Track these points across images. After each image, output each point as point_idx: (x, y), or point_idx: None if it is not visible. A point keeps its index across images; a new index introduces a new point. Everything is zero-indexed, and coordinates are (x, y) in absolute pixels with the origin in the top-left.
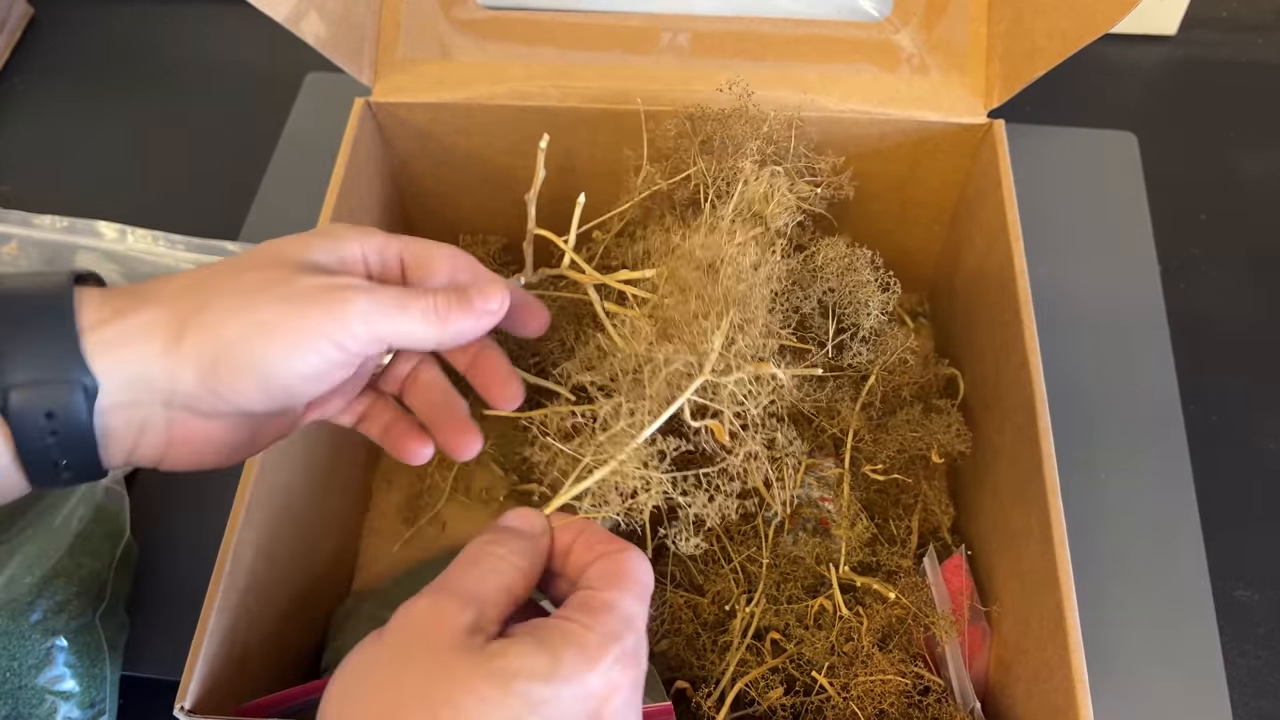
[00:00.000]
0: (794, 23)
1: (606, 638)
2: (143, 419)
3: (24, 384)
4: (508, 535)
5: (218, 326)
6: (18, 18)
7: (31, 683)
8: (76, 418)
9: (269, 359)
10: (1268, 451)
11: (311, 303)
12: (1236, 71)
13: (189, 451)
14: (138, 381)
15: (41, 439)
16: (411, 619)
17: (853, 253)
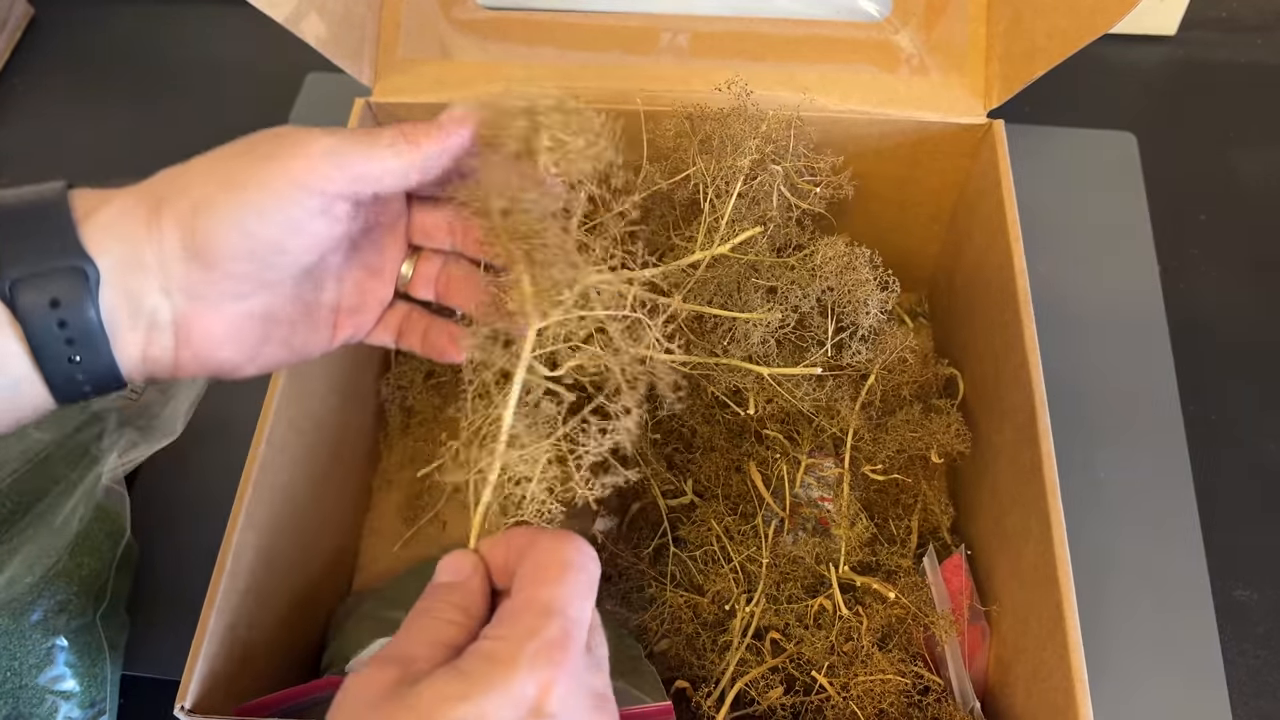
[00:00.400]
0: (793, 23)
1: (519, 638)
2: (149, 313)
3: (28, 276)
4: (436, 591)
5: (189, 191)
6: (18, 18)
7: (32, 682)
8: (82, 306)
9: (245, 214)
10: (1267, 451)
11: (278, 152)
12: (1236, 72)
13: (203, 349)
14: (130, 263)
15: (51, 332)
16: (346, 693)
17: (852, 252)
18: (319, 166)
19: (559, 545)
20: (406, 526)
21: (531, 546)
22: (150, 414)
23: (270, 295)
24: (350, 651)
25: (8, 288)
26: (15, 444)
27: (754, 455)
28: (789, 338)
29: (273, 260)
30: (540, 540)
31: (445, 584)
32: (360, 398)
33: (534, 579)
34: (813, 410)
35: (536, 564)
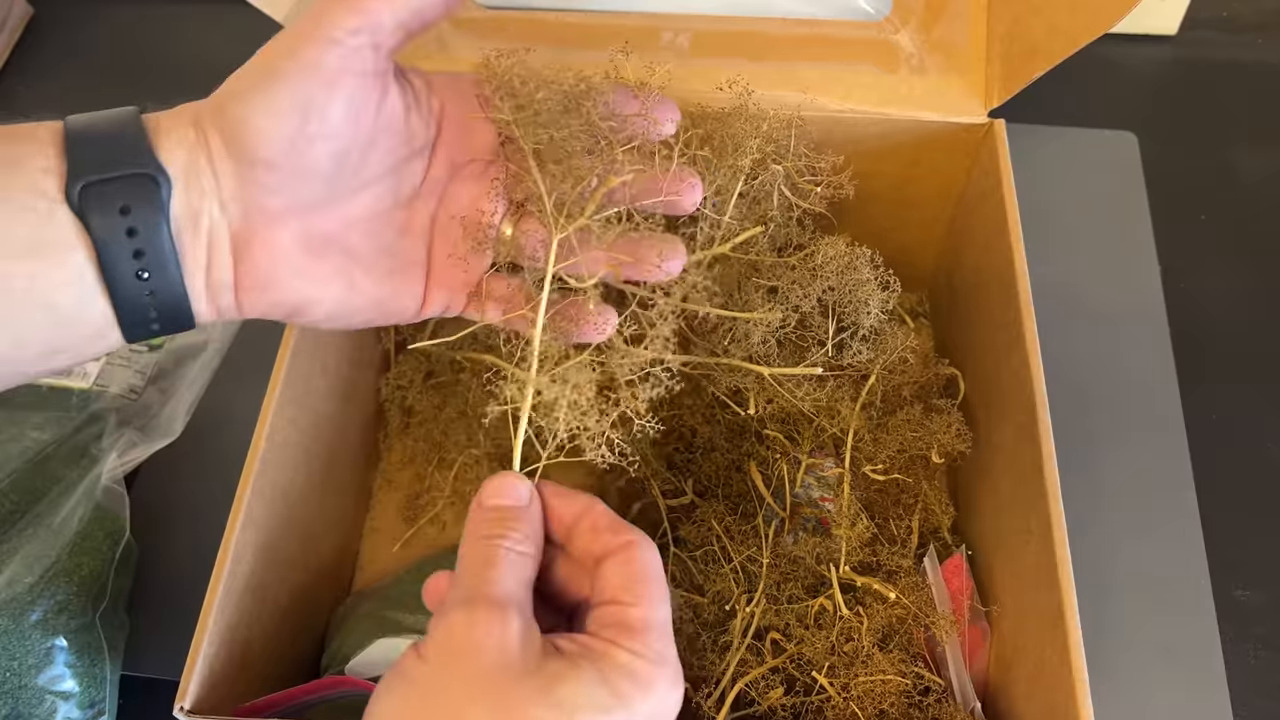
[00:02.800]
0: (794, 23)
1: (656, 662)
2: (208, 231)
3: (97, 181)
4: (500, 518)
5: (230, 86)
6: (18, 18)
7: (31, 683)
8: (153, 215)
9: (271, 90)
10: (1267, 451)
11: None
12: (1237, 71)
13: (264, 273)
14: (189, 173)
15: (119, 242)
16: (454, 637)
17: (852, 251)
18: (329, 10)
19: (655, 557)
20: (406, 526)
21: (627, 550)
22: (150, 414)
23: (331, 215)
24: (350, 651)
25: (77, 194)
26: (15, 444)
27: (754, 455)
28: (789, 338)
29: (309, 149)
30: (640, 548)
31: (506, 508)
32: (360, 398)
33: (645, 595)
34: (813, 410)
35: (641, 578)
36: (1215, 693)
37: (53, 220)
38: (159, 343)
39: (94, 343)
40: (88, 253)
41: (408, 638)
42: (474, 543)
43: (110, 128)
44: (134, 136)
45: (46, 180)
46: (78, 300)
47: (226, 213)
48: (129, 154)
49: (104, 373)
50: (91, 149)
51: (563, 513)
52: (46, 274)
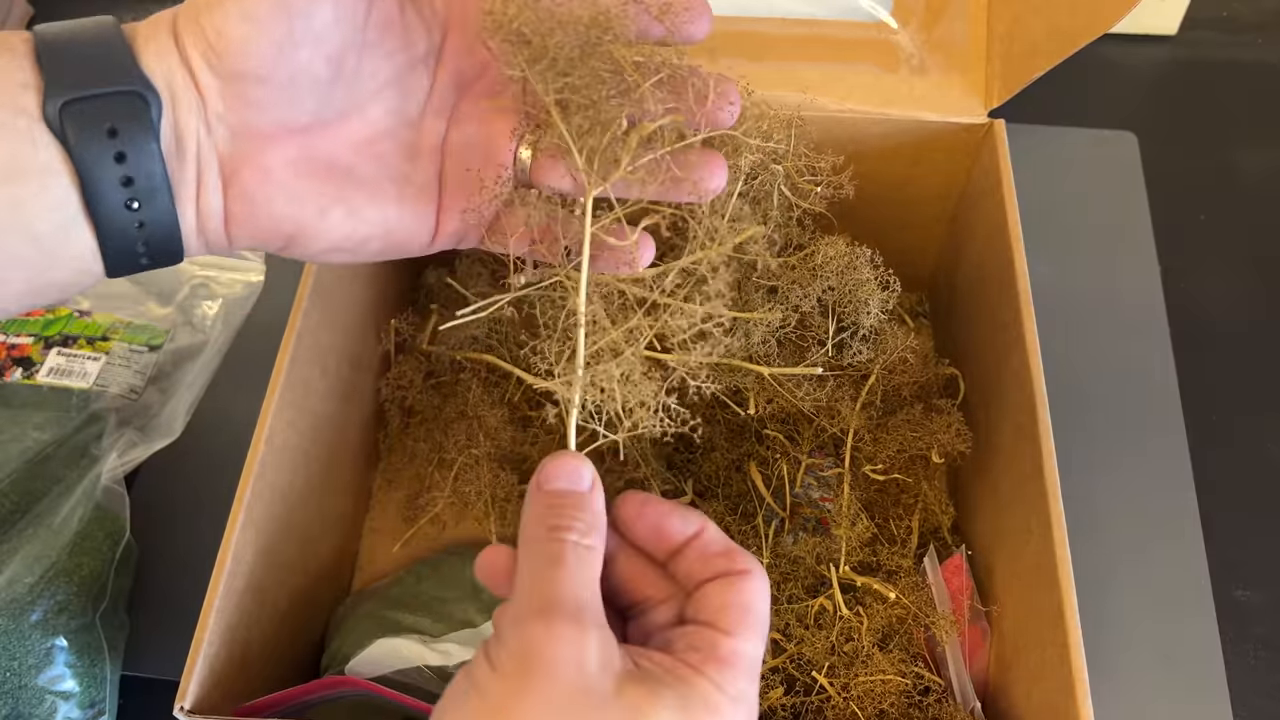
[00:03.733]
0: (794, 23)
1: (736, 699)
2: (195, 153)
3: (81, 99)
4: (568, 507)
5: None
6: (18, 17)
7: (31, 683)
8: (143, 139)
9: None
10: (1267, 451)
11: None
12: (1237, 71)
13: (256, 197)
14: (172, 89)
15: (107, 169)
16: (531, 651)
17: (853, 251)
18: None
19: (765, 590)
20: (406, 526)
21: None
22: (150, 414)
23: (328, 133)
24: (350, 651)
25: (57, 112)
26: (15, 444)
27: (754, 455)
28: (789, 337)
29: (298, 56)
30: (753, 578)
31: (568, 494)
32: (360, 398)
33: (744, 626)
34: (813, 410)
35: (744, 607)
36: (1215, 693)
37: (34, 141)
38: (159, 343)
39: (77, 278)
40: (71, 178)
41: (408, 638)
42: (537, 534)
43: (89, 39)
44: (117, 49)
45: (25, 96)
46: (61, 231)
47: (213, 134)
48: (114, 69)
49: (104, 373)
50: (70, 61)
51: (672, 532)
52: (27, 201)
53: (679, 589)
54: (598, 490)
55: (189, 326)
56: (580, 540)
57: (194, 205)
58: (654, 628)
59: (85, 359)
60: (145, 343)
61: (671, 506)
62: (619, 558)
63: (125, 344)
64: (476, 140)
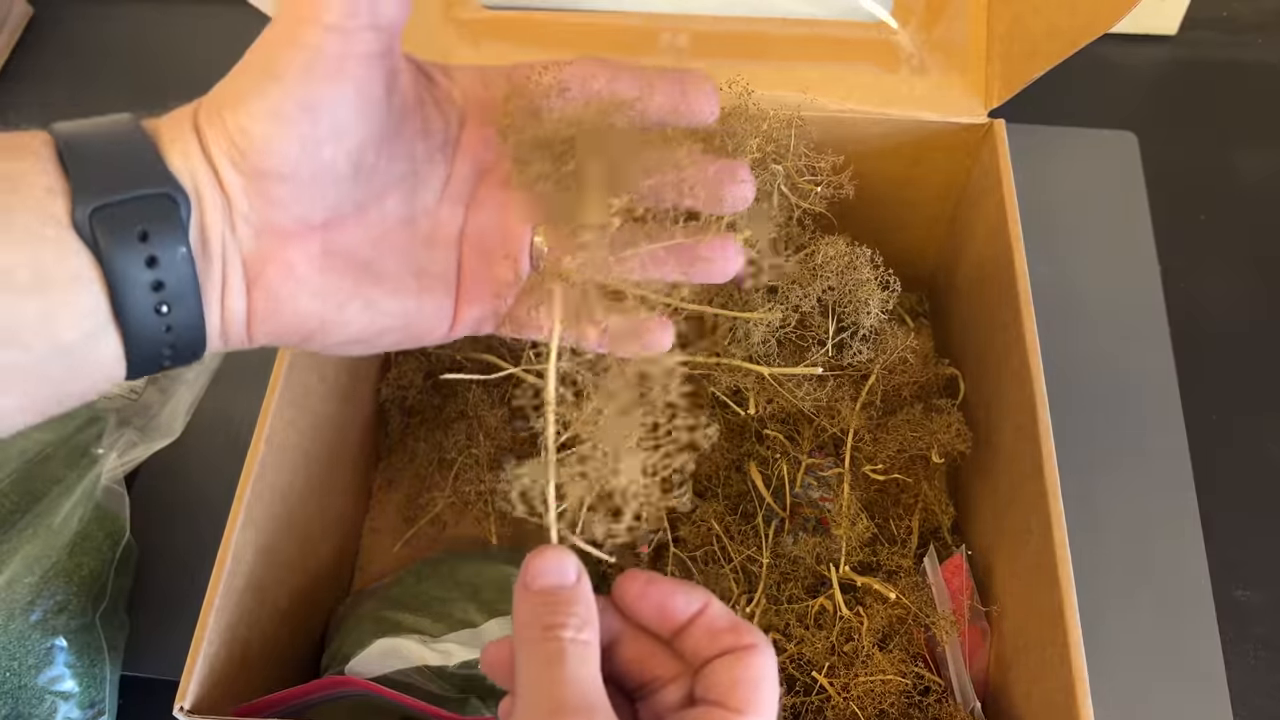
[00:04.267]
0: (794, 22)
1: None
2: (220, 253)
3: (112, 204)
4: (559, 604)
5: (225, 89)
6: (18, 18)
7: (31, 683)
8: (174, 242)
9: (269, 91)
10: (1267, 451)
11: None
12: (1237, 71)
13: (280, 294)
14: (198, 189)
15: (138, 275)
16: None
17: (853, 251)
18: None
19: (773, 665)
20: (406, 526)
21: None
22: (150, 414)
23: (350, 227)
24: (350, 651)
25: (87, 218)
26: (14, 444)
27: (754, 455)
28: (790, 337)
29: (321, 152)
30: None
31: (556, 590)
32: (360, 398)
33: (755, 705)
34: (813, 410)
35: (753, 683)
36: (1215, 693)
37: (63, 249)
38: None
39: (98, 385)
40: (101, 285)
41: (408, 638)
42: (533, 635)
43: (112, 139)
44: (143, 149)
45: (53, 202)
46: (89, 340)
47: (237, 233)
48: (142, 170)
49: None
50: (96, 164)
51: (675, 610)
52: (57, 312)
53: (687, 667)
54: (584, 581)
55: None
56: (576, 635)
57: (219, 306)
58: (664, 708)
59: None
60: None
61: (674, 585)
62: (624, 639)
63: None
64: (493, 228)
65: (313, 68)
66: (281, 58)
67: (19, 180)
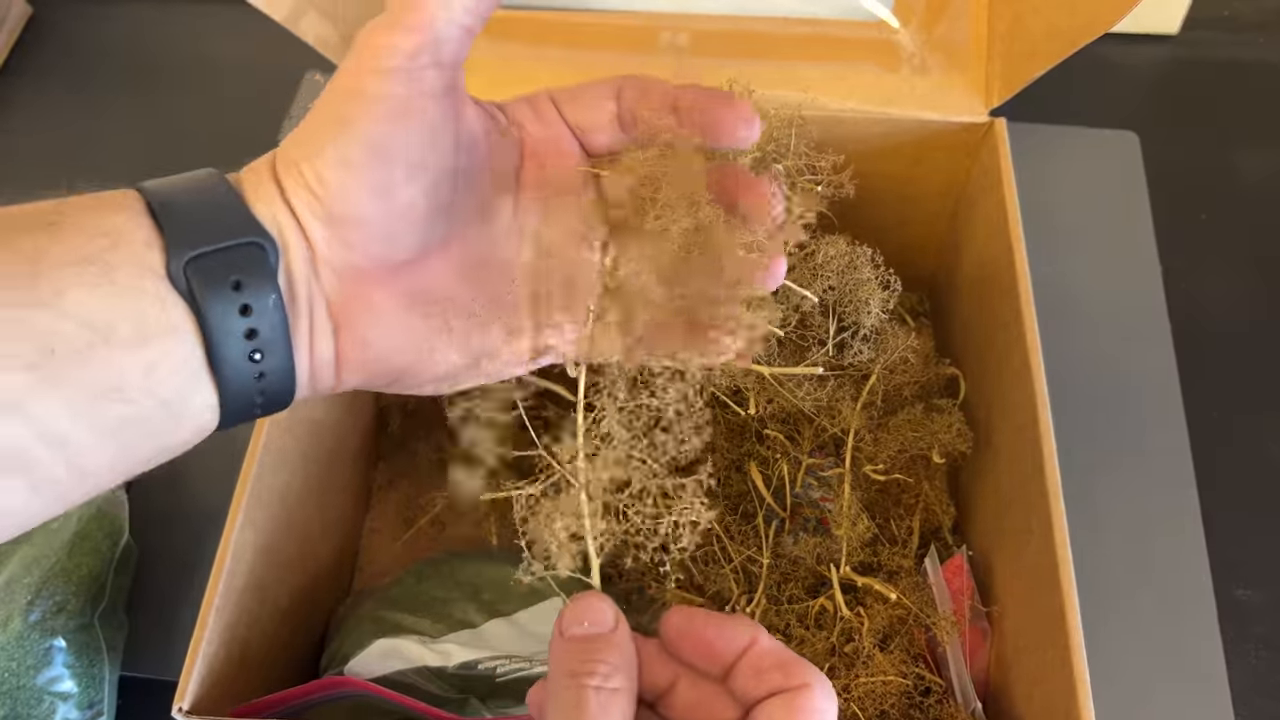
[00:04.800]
0: (794, 22)
1: None
2: (306, 300)
3: (205, 252)
4: (590, 651)
5: (298, 139)
6: (16, 17)
7: (30, 683)
8: (266, 291)
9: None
10: (1269, 451)
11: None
12: (1238, 71)
13: (367, 339)
14: (282, 238)
15: (232, 325)
16: None
17: (853, 251)
18: (381, 36)
19: (830, 705)
20: (406, 526)
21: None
22: None
23: (431, 266)
24: (350, 652)
25: (182, 269)
26: None
27: (754, 455)
28: (790, 337)
29: (398, 194)
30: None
31: (590, 638)
32: (360, 398)
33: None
34: (814, 410)
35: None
36: (1216, 693)
37: (161, 301)
38: None
39: (194, 437)
40: (196, 336)
41: (407, 638)
42: (561, 683)
43: (199, 192)
44: (230, 200)
45: (150, 254)
46: (186, 391)
47: (321, 280)
48: (231, 220)
49: None
50: (187, 216)
51: (721, 648)
52: (159, 364)
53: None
54: (622, 629)
55: None
56: (604, 684)
57: (308, 351)
58: None
59: None
60: None
61: (718, 620)
62: (682, 682)
63: None
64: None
65: (381, 112)
66: (350, 106)
67: (118, 236)
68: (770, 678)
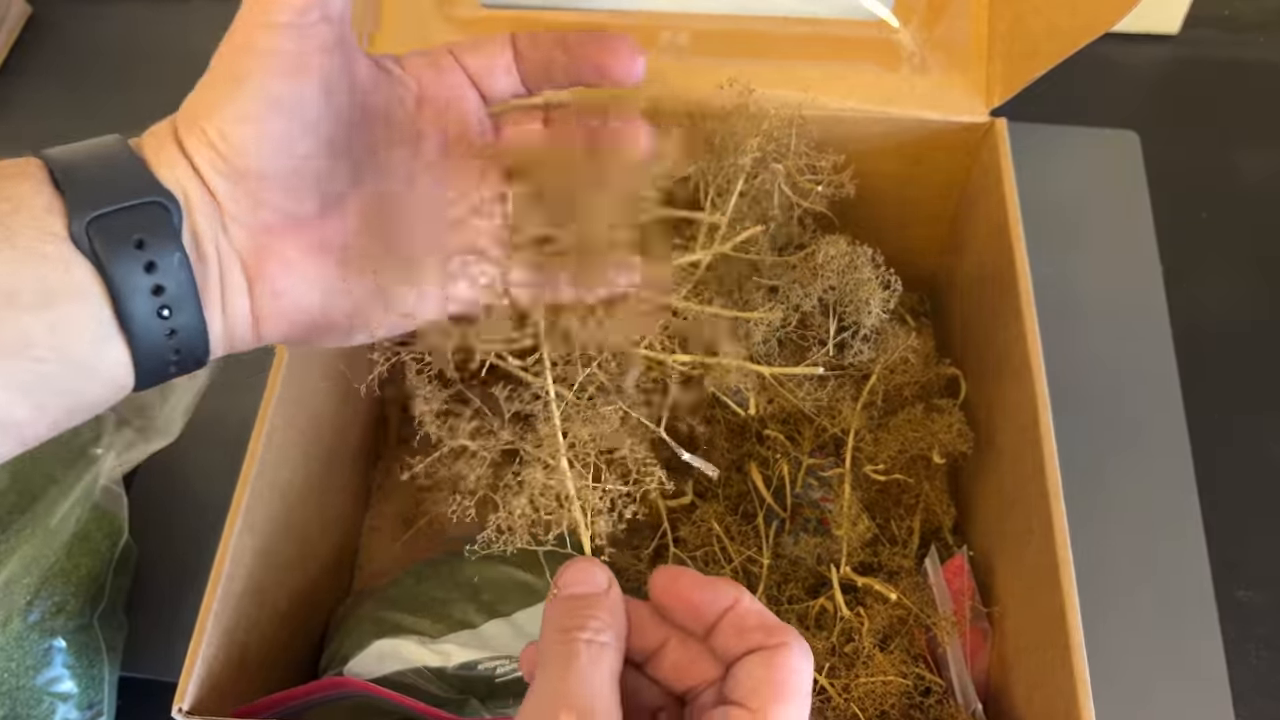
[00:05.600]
0: (795, 21)
1: None
2: (217, 257)
3: (108, 214)
4: (581, 608)
5: (198, 99)
6: (16, 17)
7: (29, 684)
8: (170, 248)
9: (238, 95)
10: (1270, 451)
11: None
12: (1239, 71)
13: (282, 291)
14: (187, 196)
15: (138, 281)
16: None
17: (854, 251)
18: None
19: (805, 666)
20: (406, 526)
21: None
22: (148, 414)
23: (336, 217)
24: (350, 652)
25: (84, 230)
26: None
27: (755, 455)
28: (790, 337)
29: (297, 146)
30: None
31: (582, 596)
32: (360, 397)
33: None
34: (814, 410)
35: (778, 683)
36: (1217, 693)
37: (64, 263)
38: None
39: (110, 395)
40: (103, 295)
41: (407, 638)
42: (552, 638)
43: (101, 157)
44: (131, 162)
45: (51, 219)
46: (96, 350)
47: (230, 236)
48: (132, 181)
49: None
50: (87, 179)
51: (704, 607)
52: (64, 325)
53: (723, 667)
54: (615, 591)
55: None
56: (594, 638)
57: (220, 307)
58: (700, 710)
59: None
60: None
61: (702, 580)
62: (671, 643)
63: None
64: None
65: (275, 67)
66: (245, 62)
67: (19, 202)
68: (751, 636)
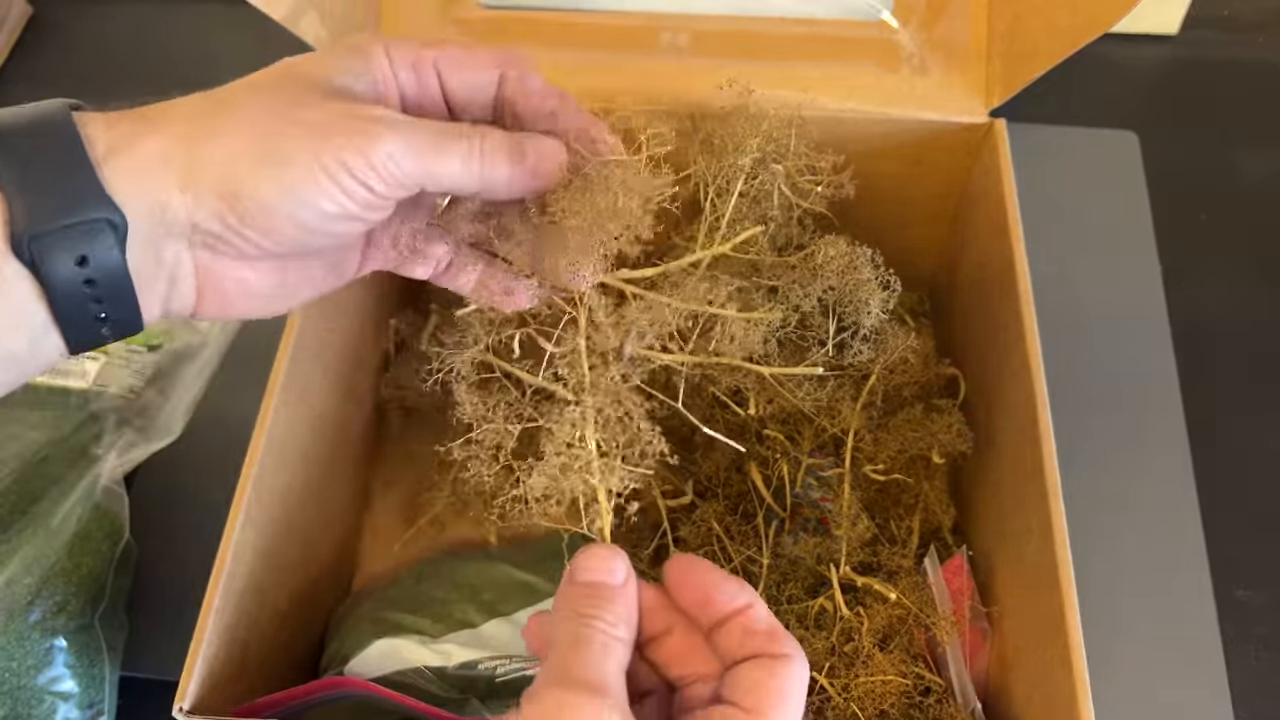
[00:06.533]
0: (794, 22)
1: None
2: (172, 263)
3: (52, 231)
4: (599, 598)
5: (232, 162)
6: (17, 18)
7: (30, 683)
8: (111, 262)
9: (289, 198)
10: (1269, 451)
11: (334, 134)
12: (1238, 71)
13: (231, 299)
14: (157, 215)
15: (77, 293)
16: (545, 715)
17: (853, 251)
18: (380, 167)
19: (803, 679)
20: (406, 526)
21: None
22: (149, 414)
23: (308, 254)
24: (350, 652)
25: (26, 245)
26: (13, 444)
27: (754, 455)
28: (790, 337)
29: (315, 237)
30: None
31: (600, 586)
32: (360, 398)
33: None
34: (814, 410)
35: (776, 691)
36: (1217, 693)
37: (4, 275)
38: (158, 343)
39: (40, 369)
40: (41, 300)
41: (407, 638)
42: (568, 615)
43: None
44: (81, 169)
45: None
46: (31, 342)
47: (194, 252)
48: (80, 195)
49: (103, 373)
50: (35, 190)
51: (718, 600)
52: (3, 334)
53: (722, 666)
54: (631, 584)
55: (188, 326)
56: (609, 630)
57: (161, 301)
58: (693, 702)
59: (84, 359)
60: (144, 343)
61: (722, 576)
62: (675, 631)
63: (124, 344)
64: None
65: (339, 203)
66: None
67: None
68: (756, 641)
